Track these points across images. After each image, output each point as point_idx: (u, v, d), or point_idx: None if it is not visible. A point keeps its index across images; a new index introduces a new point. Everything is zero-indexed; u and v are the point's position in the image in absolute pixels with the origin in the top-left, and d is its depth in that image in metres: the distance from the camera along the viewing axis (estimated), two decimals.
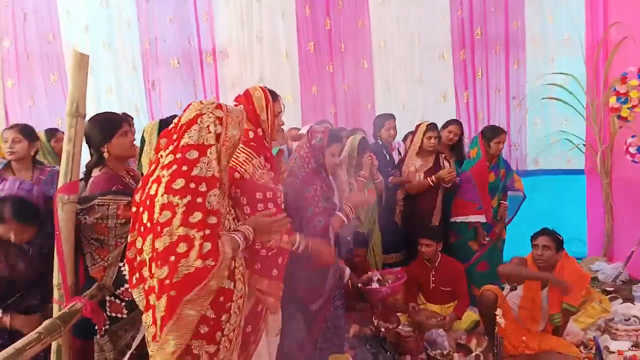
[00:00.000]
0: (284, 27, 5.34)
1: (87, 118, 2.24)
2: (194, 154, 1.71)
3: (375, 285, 3.50)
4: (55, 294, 2.11)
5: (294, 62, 5.38)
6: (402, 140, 4.77)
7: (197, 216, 1.65)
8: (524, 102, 5.64)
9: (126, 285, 2.05)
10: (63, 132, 3.71)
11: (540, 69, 5.56)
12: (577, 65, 5.40)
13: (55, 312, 2.09)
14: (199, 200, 1.67)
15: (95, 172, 2.30)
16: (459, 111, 5.61)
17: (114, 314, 2.16)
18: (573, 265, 3.45)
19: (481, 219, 4.23)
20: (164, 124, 2.84)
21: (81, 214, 2.15)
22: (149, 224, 1.71)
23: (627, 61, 4.85)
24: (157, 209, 1.68)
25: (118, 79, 5.20)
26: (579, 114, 5.34)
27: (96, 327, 2.14)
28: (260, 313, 2.22)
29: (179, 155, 1.72)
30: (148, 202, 1.73)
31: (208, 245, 1.64)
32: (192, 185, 1.68)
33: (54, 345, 2.09)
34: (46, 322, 1.93)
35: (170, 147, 1.77)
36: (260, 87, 2.36)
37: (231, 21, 5.25)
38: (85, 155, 2.32)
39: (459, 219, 4.28)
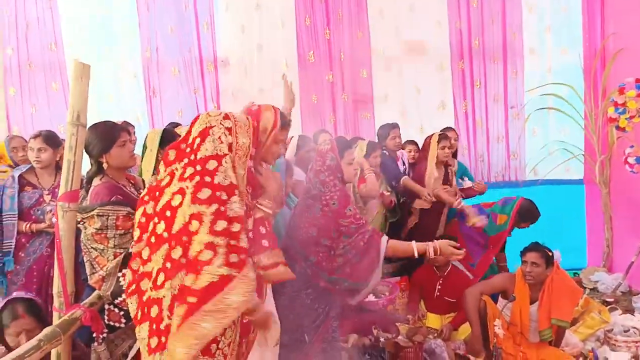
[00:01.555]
0: (284, 37, 5.37)
1: (87, 126, 2.25)
2: (213, 164, 1.75)
3: (371, 298, 3.49)
4: (56, 302, 2.12)
5: (294, 71, 5.39)
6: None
7: (221, 224, 1.67)
8: (522, 112, 5.67)
9: (124, 296, 2.06)
10: (61, 140, 3.78)
11: (538, 79, 5.61)
12: (575, 76, 5.45)
13: (55, 320, 2.10)
14: (223, 208, 1.69)
15: (96, 182, 2.30)
16: (457, 120, 5.64)
17: (112, 323, 2.16)
18: (564, 279, 3.42)
19: (468, 273, 4.15)
20: (167, 132, 2.85)
21: (81, 223, 2.16)
22: (165, 234, 1.72)
23: (625, 72, 4.88)
24: (181, 219, 1.69)
25: (119, 87, 5.22)
26: (578, 124, 5.37)
27: (94, 335, 2.15)
28: (248, 325, 2.20)
29: (199, 167, 1.74)
30: (169, 213, 1.73)
31: (234, 257, 1.66)
32: (218, 194, 1.70)
33: (53, 353, 2.09)
34: (46, 330, 1.94)
35: (186, 160, 1.79)
36: (274, 109, 2.21)
37: (232, 30, 5.29)
38: (86, 163, 2.34)
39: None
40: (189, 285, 1.64)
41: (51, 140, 3.27)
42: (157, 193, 1.81)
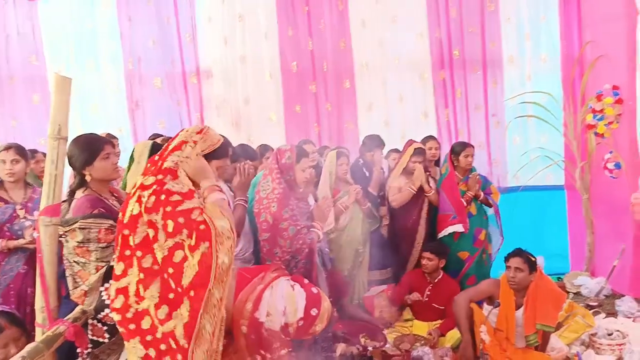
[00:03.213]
0: (267, 48, 5.38)
1: (70, 138, 2.23)
2: (168, 177, 1.81)
3: None
4: (38, 317, 2.09)
5: (278, 82, 5.41)
6: (384, 158, 4.83)
7: (171, 224, 1.69)
8: (503, 120, 5.74)
9: (107, 310, 2.04)
10: (42, 153, 3.72)
11: (518, 87, 5.69)
12: (553, 84, 5.54)
13: (39, 336, 2.06)
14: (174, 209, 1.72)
15: (79, 194, 2.28)
16: (440, 129, 5.69)
17: (95, 338, 2.13)
18: (548, 285, 3.45)
19: (458, 228, 4.32)
20: (156, 145, 2.83)
21: (63, 236, 2.14)
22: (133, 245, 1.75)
23: (602, 79, 4.98)
24: (142, 229, 1.73)
25: (102, 99, 5.18)
26: (557, 131, 5.45)
27: (78, 350, 2.12)
28: None
29: (160, 177, 1.79)
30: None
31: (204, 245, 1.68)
32: (171, 199, 1.73)
33: None
34: (29, 346, 1.90)
35: (154, 169, 1.84)
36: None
37: (214, 42, 5.29)
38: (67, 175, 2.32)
39: (441, 233, 4.40)
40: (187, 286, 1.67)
41: (22, 151, 3.20)
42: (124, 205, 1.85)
